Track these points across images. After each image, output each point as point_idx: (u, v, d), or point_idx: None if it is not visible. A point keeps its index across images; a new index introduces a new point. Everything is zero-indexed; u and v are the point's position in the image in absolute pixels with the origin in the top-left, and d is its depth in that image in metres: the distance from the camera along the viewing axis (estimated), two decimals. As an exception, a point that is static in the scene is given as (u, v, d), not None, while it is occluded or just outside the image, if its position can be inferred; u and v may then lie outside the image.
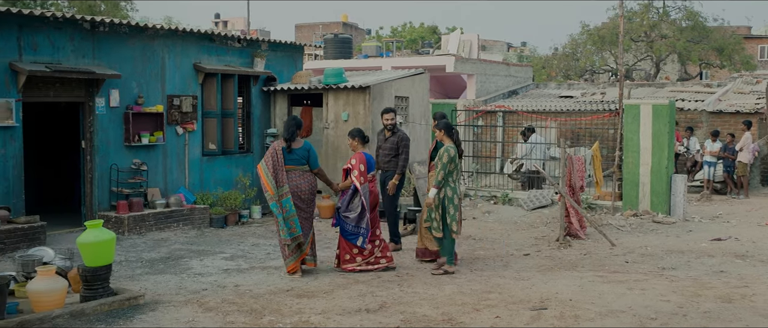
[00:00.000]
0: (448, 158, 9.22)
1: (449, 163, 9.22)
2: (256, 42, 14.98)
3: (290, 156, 9.09)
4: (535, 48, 55.26)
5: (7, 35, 10.83)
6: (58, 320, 7.13)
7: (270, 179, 8.98)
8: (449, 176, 9.29)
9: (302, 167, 9.20)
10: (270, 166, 9.02)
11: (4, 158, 10.88)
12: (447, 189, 9.30)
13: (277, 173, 9.02)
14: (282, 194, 9.04)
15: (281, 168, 9.03)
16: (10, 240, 10.39)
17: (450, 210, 9.30)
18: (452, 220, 9.30)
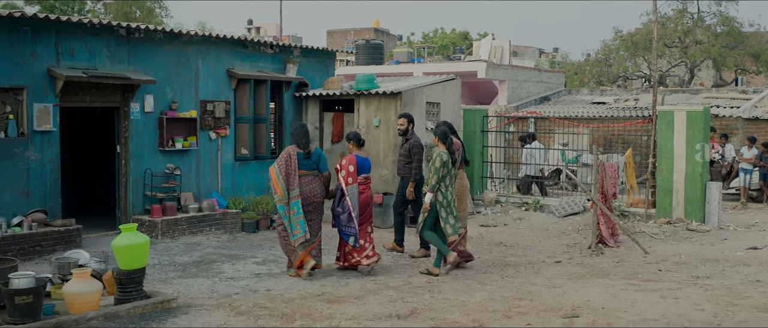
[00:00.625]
0: (441, 163, 9.53)
1: (442, 167, 9.52)
2: (288, 48, 15.07)
3: (306, 161, 9.40)
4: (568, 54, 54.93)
5: (46, 41, 11.02)
6: (92, 322, 7.23)
7: (281, 182, 9.27)
8: (442, 180, 9.58)
9: (314, 171, 9.49)
10: (283, 170, 9.29)
11: (41, 162, 11.07)
12: (438, 194, 9.59)
13: (288, 177, 9.30)
14: (292, 196, 9.29)
15: (294, 172, 9.31)
16: (47, 242, 10.56)
17: (442, 213, 9.61)
18: (445, 223, 9.60)
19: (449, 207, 9.68)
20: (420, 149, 11.31)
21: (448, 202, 9.68)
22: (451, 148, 9.78)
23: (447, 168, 9.61)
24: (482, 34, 45.19)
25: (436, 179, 9.54)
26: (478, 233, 13.23)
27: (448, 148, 9.76)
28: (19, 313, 6.92)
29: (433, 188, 9.58)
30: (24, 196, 10.87)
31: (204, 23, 56.91)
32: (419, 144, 11.37)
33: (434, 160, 9.61)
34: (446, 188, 9.66)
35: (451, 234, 9.65)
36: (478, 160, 17.33)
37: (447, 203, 9.67)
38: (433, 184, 9.56)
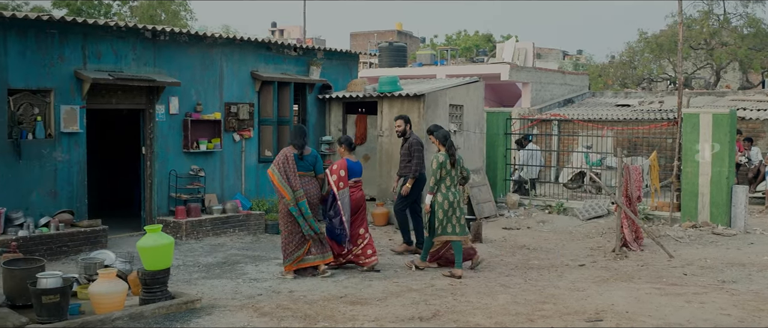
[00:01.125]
0: (438, 165, 9.70)
1: (439, 169, 9.69)
2: (312, 50, 15.13)
3: (302, 163, 9.55)
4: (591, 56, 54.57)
5: (73, 44, 11.15)
6: (118, 322, 7.30)
7: (284, 185, 9.42)
8: (442, 181, 9.73)
9: (310, 172, 9.65)
10: (282, 172, 9.43)
11: (68, 164, 11.20)
12: (438, 195, 9.74)
13: (290, 179, 9.44)
14: (298, 197, 9.44)
15: (294, 174, 9.46)
16: (73, 243, 10.68)
17: (439, 214, 9.73)
18: (439, 223, 9.74)
19: (451, 208, 9.76)
20: (420, 147, 11.40)
21: (449, 203, 9.76)
22: (451, 150, 9.87)
23: (445, 169, 9.74)
24: (506, 37, 45.09)
25: (433, 180, 9.72)
26: (501, 236, 13.20)
27: (448, 150, 9.85)
28: (46, 312, 7.00)
29: (431, 190, 9.77)
30: (51, 196, 11.00)
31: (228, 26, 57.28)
32: (418, 141, 11.48)
33: (431, 163, 9.81)
34: (447, 189, 9.77)
35: (437, 234, 9.80)
36: (501, 162, 17.29)
37: (448, 205, 9.75)
38: (432, 186, 9.75)
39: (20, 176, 10.64)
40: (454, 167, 9.85)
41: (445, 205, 9.76)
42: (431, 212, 9.81)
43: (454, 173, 9.86)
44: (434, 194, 9.77)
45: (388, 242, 12.46)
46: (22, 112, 10.64)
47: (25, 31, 10.61)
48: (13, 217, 10.40)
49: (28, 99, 10.71)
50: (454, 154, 9.88)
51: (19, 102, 10.61)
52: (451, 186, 9.81)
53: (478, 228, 12.64)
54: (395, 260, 10.88)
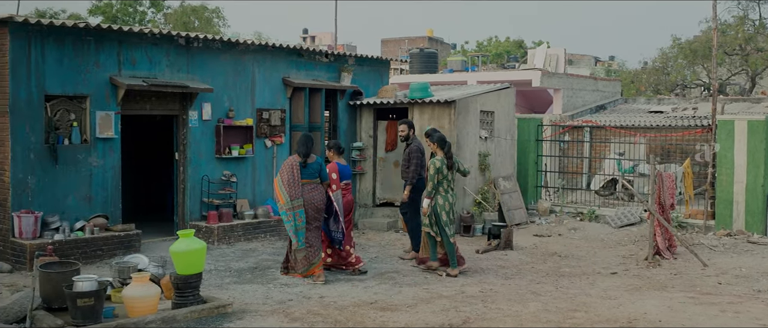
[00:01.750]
0: (435, 170, 10.02)
1: (436, 173, 10.01)
2: (343, 57, 15.20)
3: (306, 170, 9.74)
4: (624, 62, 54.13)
5: (108, 51, 11.32)
6: (150, 325, 7.39)
7: (284, 192, 9.63)
8: (440, 185, 10.04)
9: (315, 180, 9.82)
10: (285, 179, 9.66)
11: (103, 169, 11.36)
12: (438, 198, 10.04)
13: (291, 187, 9.64)
14: (296, 205, 9.62)
15: (297, 182, 9.66)
16: (108, 247, 10.83)
17: (443, 217, 10.04)
18: (446, 225, 10.04)
19: (452, 210, 10.12)
20: (419, 153, 11.46)
21: (449, 205, 10.10)
22: (449, 153, 10.16)
23: (442, 174, 10.04)
24: (537, 43, 44.89)
25: (431, 185, 10.04)
26: (532, 243, 13.13)
27: (447, 153, 10.14)
28: (81, 315, 7.11)
29: (429, 194, 10.08)
30: (86, 201, 11.17)
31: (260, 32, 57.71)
32: (419, 148, 11.54)
33: (429, 167, 10.14)
34: (446, 192, 10.09)
35: (450, 235, 10.09)
36: (532, 169, 17.21)
37: (450, 207, 10.10)
38: (430, 190, 10.07)
39: (56, 180, 10.81)
40: (450, 171, 10.16)
41: (447, 207, 10.08)
42: (437, 216, 10.06)
43: (450, 176, 10.18)
44: (432, 198, 10.06)
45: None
46: (58, 118, 10.82)
47: (63, 38, 10.79)
48: (50, 221, 10.57)
49: (64, 105, 10.88)
50: (451, 157, 10.18)
51: (56, 108, 10.79)
52: (449, 189, 10.13)
53: (509, 235, 12.59)
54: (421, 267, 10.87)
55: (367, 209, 15.17)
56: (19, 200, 10.43)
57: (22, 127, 10.39)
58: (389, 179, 15.37)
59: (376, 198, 15.30)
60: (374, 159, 15.28)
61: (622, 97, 28.01)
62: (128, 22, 37.51)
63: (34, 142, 10.54)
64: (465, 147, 14.37)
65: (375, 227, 14.48)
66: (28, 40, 10.41)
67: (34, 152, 10.54)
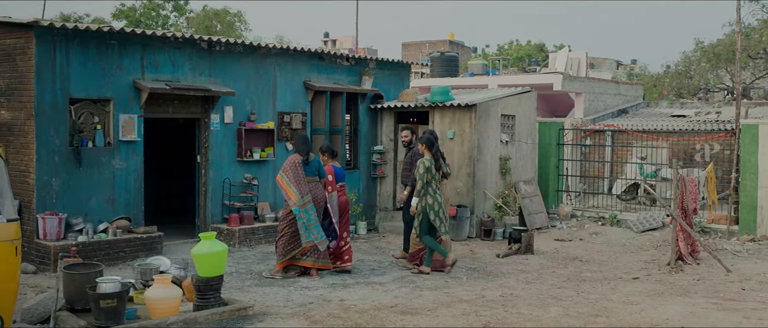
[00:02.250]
0: (424, 169, 10.33)
1: (425, 173, 10.31)
2: (364, 60, 15.22)
3: (308, 168, 10.09)
4: (646, 66, 53.65)
5: (132, 55, 11.42)
6: (172, 327, 7.44)
7: (293, 189, 9.91)
8: (428, 185, 10.34)
9: (315, 177, 10.18)
10: (291, 177, 9.94)
11: (126, 171, 11.45)
12: (427, 197, 10.32)
13: (299, 183, 9.93)
14: (306, 201, 9.91)
15: (303, 179, 9.97)
16: (130, 249, 10.91)
17: (430, 215, 10.31)
18: (435, 223, 10.30)
19: (440, 209, 10.37)
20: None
21: (438, 204, 10.38)
22: (436, 154, 10.52)
23: (431, 173, 10.35)
24: (558, 46, 44.72)
25: (421, 184, 10.35)
26: (553, 247, 13.08)
27: (434, 154, 10.49)
28: (104, 316, 7.18)
29: (418, 193, 10.37)
30: (109, 203, 11.26)
31: (282, 36, 57.94)
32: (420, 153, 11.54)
33: (418, 167, 10.43)
34: (434, 191, 10.38)
35: (444, 233, 10.47)
36: (553, 173, 17.14)
37: (439, 206, 10.37)
38: (419, 189, 10.35)
39: (80, 182, 10.92)
40: (438, 172, 10.52)
41: (436, 206, 10.36)
42: (424, 214, 10.34)
43: (438, 176, 10.51)
44: (422, 197, 10.35)
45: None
46: (82, 121, 10.93)
47: (87, 42, 10.90)
48: (73, 222, 10.68)
49: (88, 108, 10.99)
50: (439, 159, 10.54)
51: (80, 111, 10.90)
52: (436, 189, 10.43)
53: (530, 239, 12.54)
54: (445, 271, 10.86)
55: (388, 212, 15.18)
56: (44, 202, 10.54)
57: (46, 130, 10.51)
58: (410, 182, 15.35)
59: (397, 202, 15.30)
60: (395, 162, 15.29)
61: (644, 101, 27.83)
62: (151, 25, 37.81)
63: (59, 144, 10.65)
64: (486, 151, 14.34)
65: (395, 231, 14.48)
66: (53, 44, 10.53)
67: (58, 155, 10.65)
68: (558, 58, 26.91)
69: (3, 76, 10.90)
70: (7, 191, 6.12)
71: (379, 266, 11.10)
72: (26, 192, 10.56)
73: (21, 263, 6.28)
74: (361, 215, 14.50)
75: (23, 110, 10.56)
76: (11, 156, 10.58)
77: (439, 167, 10.54)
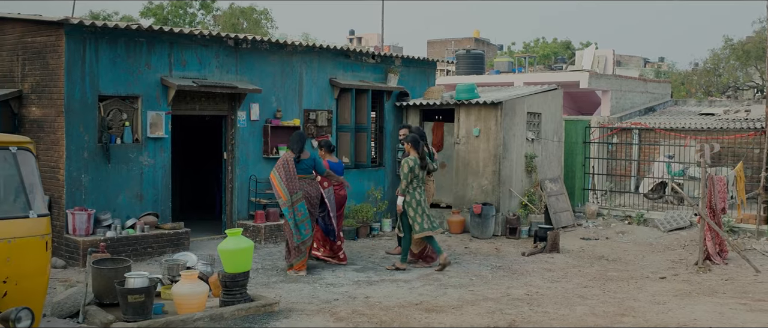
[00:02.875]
0: (408, 168, 10.47)
1: (409, 172, 10.45)
2: (389, 58, 15.24)
3: (300, 166, 10.18)
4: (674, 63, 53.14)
5: (160, 52, 11.52)
6: (199, 322, 7.50)
7: (283, 187, 10.03)
8: (411, 183, 10.49)
9: (310, 175, 10.32)
10: (283, 175, 10.05)
11: (154, 168, 11.57)
12: (407, 195, 10.50)
13: (290, 182, 10.05)
14: (295, 200, 10.04)
15: (294, 177, 10.09)
16: (158, 244, 11.02)
17: (409, 212, 10.52)
18: (413, 221, 10.51)
19: (419, 207, 10.52)
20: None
21: (417, 202, 10.53)
22: (421, 153, 10.65)
23: (414, 173, 10.49)
24: (585, 44, 44.43)
25: (405, 183, 10.51)
26: (579, 246, 13.01)
27: (420, 154, 10.61)
28: (132, 311, 7.26)
29: (403, 192, 10.54)
30: (137, 199, 11.38)
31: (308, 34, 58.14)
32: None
33: (402, 166, 10.59)
34: (414, 190, 10.55)
35: (417, 232, 10.51)
36: (579, 171, 17.04)
37: (416, 204, 10.53)
38: (403, 188, 10.55)
39: (109, 179, 11.05)
40: (423, 170, 10.65)
41: (414, 204, 10.53)
42: (404, 212, 10.55)
43: (421, 174, 10.66)
44: (405, 196, 10.53)
45: (463, 250, 12.43)
46: (111, 118, 11.05)
47: (116, 40, 11.02)
48: (102, 218, 10.80)
49: (117, 105, 11.11)
50: (424, 157, 10.67)
51: (109, 108, 11.02)
52: (417, 187, 10.60)
53: (556, 238, 12.49)
54: (471, 268, 10.86)
55: (413, 210, 15.16)
56: (73, 198, 10.68)
57: (76, 126, 10.64)
58: (436, 180, 15.34)
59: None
60: (420, 160, 15.26)
61: (671, 99, 27.57)
62: (179, 23, 38.10)
63: (88, 141, 10.78)
64: (511, 149, 14.29)
65: (420, 228, 14.48)
66: (82, 42, 10.66)
67: (87, 151, 10.78)
68: (585, 56, 26.73)
69: (34, 74, 11.06)
70: (38, 186, 6.21)
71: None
72: (56, 188, 10.70)
73: (51, 257, 6.37)
74: (386, 213, 14.52)
75: (53, 107, 10.71)
76: (42, 152, 10.72)
77: (424, 166, 10.68)
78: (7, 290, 5.75)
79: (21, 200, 6.10)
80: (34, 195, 6.13)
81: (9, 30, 11.58)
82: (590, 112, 25.23)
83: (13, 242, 5.82)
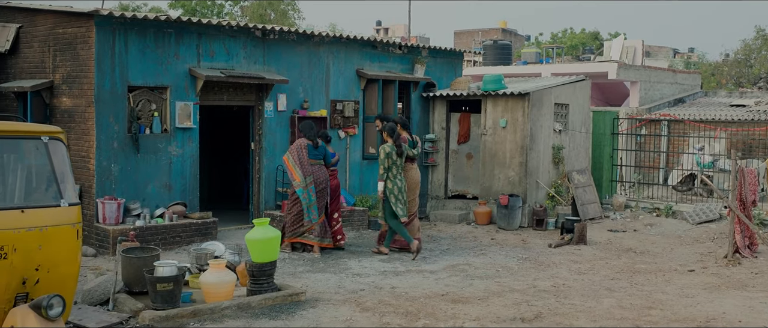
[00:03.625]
0: (384, 155, 10.73)
1: (386, 158, 10.71)
2: (416, 49, 15.21)
3: (315, 152, 10.72)
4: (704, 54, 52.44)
5: (188, 43, 11.60)
6: (226, 311, 7.57)
7: (297, 170, 10.57)
8: (389, 170, 10.73)
9: (320, 161, 10.81)
10: (296, 158, 10.60)
11: (182, 158, 11.67)
12: (387, 182, 10.75)
13: (303, 166, 10.58)
14: (308, 183, 10.58)
15: (306, 162, 10.62)
16: (186, 234, 11.12)
17: (391, 199, 10.76)
18: (395, 207, 10.74)
19: (401, 194, 10.78)
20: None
21: (398, 189, 10.79)
22: (397, 141, 10.84)
23: (391, 159, 10.74)
24: (613, 34, 44.00)
25: (382, 169, 10.75)
26: (606, 238, 12.93)
27: (396, 141, 10.81)
28: (161, 299, 7.34)
29: (381, 178, 10.78)
30: (166, 189, 11.49)
31: (334, 24, 58.19)
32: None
33: (379, 153, 10.90)
34: (394, 177, 10.78)
35: (401, 216, 10.77)
36: (607, 163, 16.92)
37: (398, 190, 10.79)
38: (381, 174, 10.77)
39: (138, 168, 11.16)
40: (399, 157, 10.84)
41: (396, 190, 10.78)
42: (385, 198, 10.78)
43: (399, 162, 10.86)
44: (384, 182, 10.77)
45: (489, 242, 12.42)
46: (140, 108, 11.16)
47: (145, 31, 11.12)
48: (131, 207, 10.92)
49: (146, 95, 11.22)
50: (400, 145, 10.84)
51: (138, 98, 11.13)
52: (397, 174, 10.83)
53: (583, 230, 12.42)
54: (497, 260, 10.84)
55: (439, 201, 15.18)
56: (103, 187, 10.81)
57: (106, 116, 10.76)
58: (462, 170, 15.35)
59: (448, 190, 15.30)
60: (447, 151, 15.26)
61: (701, 90, 27.25)
62: (206, 14, 38.28)
63: (118, 131, 10.90)
64: (538, 140, 14.22)
65: (446, 220, 14.49)
66: (112, 33, 10.77)
67: (117, 141, 10.90)
68: (613, 47, 26.49)
69: (65, 65, 11.19)
70: (69, 176, 6.28)
71: (430, 255, 11.12)
72: (86, 177, 10.83)
73: (82, 246, 6.45)
74: (413, 204, 14.52)
75: (84, 97, 10.83)
76: (72, 142, 10.86)
77: (401, 153, 10.84)
78: (39, 278, 5.84)
79: (52, 189, 6.18)
80: (66, 184, 6.21)
81: (41, 21, 11.72)
82: (618, 103, 25.03)
83: (45, 230, 5.90)
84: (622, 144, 17.63)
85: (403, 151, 10.91)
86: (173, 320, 7.20)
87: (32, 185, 6.25)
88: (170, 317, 7.21)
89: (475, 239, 12.61)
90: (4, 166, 6.13)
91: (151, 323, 7.11)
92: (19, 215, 5.81)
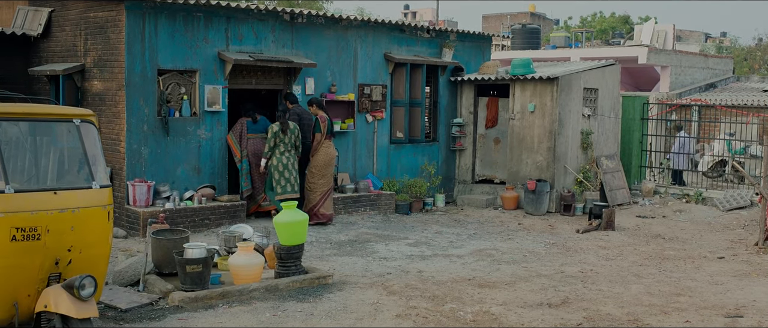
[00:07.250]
0: (272, 134, 11.36)
1: (273, 137, 11.34)
2: (444, 32, 15.15)
3: (254, 127, 11.86)
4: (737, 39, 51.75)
5: (217, 27, 11.66)
6: (254, 293, 7.65)
7: (237, 146, 11.85)
8: (276, 148, 11.38)
9: (259, 135, 11.84)
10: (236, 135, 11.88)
11: (211, 141, 11.75)
12: (273, 159, 11.41)
13: (241, 140, 11.85)
14: (243, 156, 11.84)
15: (245, 137, 11.84)
16: (214, 216, 11.22)
17: (275, 175, 11.42)
18: (276, 183, 11.45)
19: (285, 170, 11.43)
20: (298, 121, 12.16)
21: (283, 166, 11.42)
22: (285, 123, 11.41)
23: (279, 138, 11.36)
24: (644, 18, 43.46)
25: (267, 147, 11.41)
26: (635, 224, 12.84)
27: (282, 123, 11.38)
28: (190, 281, 7.43)
29: (265, 155, 11.41)
30: (195, 172, 11.59)
31: (362, 8, 58.09)
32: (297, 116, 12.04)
33: (268, 132, 11.45)
34: (281, 153, 11.42)
35: (279, 194, 11.40)
36: (636, 148, 16.77)
37: (283, 167, 11.42)
38: (266, 151, 11.40)
39: (168, 151, 11.27)
40: (285, 135, 11.42)
41: (280, 167, 11.41)
42: (269, 174, 11.48)
43: (287, 139, 11.44)
44: (269, 158, 11.40)
45: (517, 227, 12.39)
46: (170, 92, 11.25)
47: (174, 15, 11.18)
48: (161, 190, 11.03)
49: (175, 79, 11.30)
50: (285, 125, 11.40)
51: (168, 82, 11.21)
52: (284, 152, 11.44)
53: (611, 215, 12.35)
54: (524, 245, 10.82)
55: (466, 185, 15.16)
56: (133, 170, 10.92)
57: (136, 100, 10.86)
58: (489, 155, 15.30)
59: (476, 175, 15.27)
60: (474, 135, 15.22)
61: (734, 75, 26.88)
62: (234, -3, 38.34)
63: (148, 114, 11.00)
64: (567, 125, 14.13)
65: (474, 204, 14.47)
66: (142, 17, 10.84)
67: (147, 124, 11.00)
68: (643, 31, 26.20)
69: (96, 48, 11.30)
70: (100, 158, 6.36)
71: (457, 239, 11.12)
72: (117, 160, 10.96)
73: (113, 227, 6.54)
74: (440, 188, 14.52)
75: (114, 81, 10.94)
76: (103, 125, 10.98)
77: (286, 131, 11.40)
78: (71, 258, 5.93)
79: (84, 171, 6.26)
80: (97, 167, 6.29)
81: (72, 6, 11.84)
82: (649, 88, 24.77)
83: (77, 211, 5.98)
84: (652, 129, 17.46)
85: (289, 131, 11.44)
86: (202, 302, 7.29)
87: (64, 167, 6.34)
88: (199, 298, 7.31)
89: (502, 223, 12.59)
90: (37, 148, 6.23)
91: (180, 304, 7.21)
92: (52, 196, 5.89)
